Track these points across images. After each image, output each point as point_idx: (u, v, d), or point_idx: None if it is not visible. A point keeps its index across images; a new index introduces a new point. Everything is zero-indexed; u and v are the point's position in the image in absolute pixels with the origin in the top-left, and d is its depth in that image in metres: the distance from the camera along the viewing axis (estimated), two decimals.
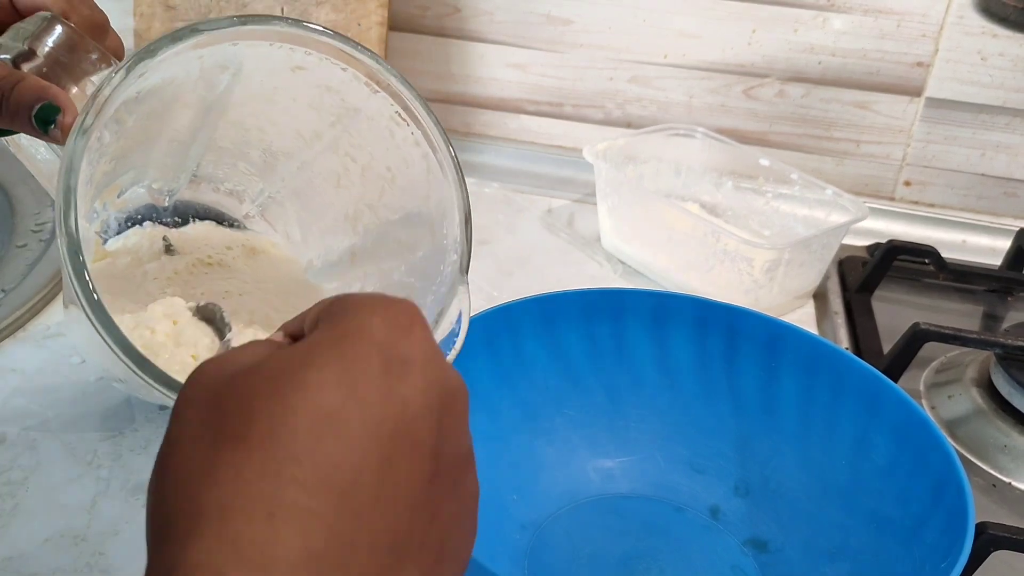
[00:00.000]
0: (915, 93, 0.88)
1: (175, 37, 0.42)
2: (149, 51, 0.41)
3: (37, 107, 0.42)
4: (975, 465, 0.63)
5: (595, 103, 0.93)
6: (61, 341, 0.67)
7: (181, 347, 0.48)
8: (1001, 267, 0.84)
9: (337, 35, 0.46)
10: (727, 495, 0.56)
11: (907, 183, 0.92)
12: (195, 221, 0.58)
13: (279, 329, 0.32)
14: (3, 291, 0.70)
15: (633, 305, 0.59)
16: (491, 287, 0.76)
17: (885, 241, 0.82)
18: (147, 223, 0.57)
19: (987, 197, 0.91)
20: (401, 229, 0.53)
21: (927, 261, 0.81)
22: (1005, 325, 0.78)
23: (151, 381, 0.39)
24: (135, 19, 0.87)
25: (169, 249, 0.57)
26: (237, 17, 0.43)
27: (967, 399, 0.67)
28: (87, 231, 0.49)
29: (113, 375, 0.41)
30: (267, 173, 0.57)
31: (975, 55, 0.86)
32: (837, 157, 0.92)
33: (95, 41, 0.45)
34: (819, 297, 0.80)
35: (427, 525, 0.28)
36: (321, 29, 0.45)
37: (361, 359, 0.28)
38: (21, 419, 0.60)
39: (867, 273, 0.80)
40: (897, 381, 0.63)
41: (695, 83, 0.91)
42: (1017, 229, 0.85)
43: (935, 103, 0.88)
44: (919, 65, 0.87)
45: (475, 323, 0.49)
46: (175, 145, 0.54)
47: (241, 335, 0.53)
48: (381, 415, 0.27)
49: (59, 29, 0.43)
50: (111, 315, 0.39)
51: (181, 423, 0.28)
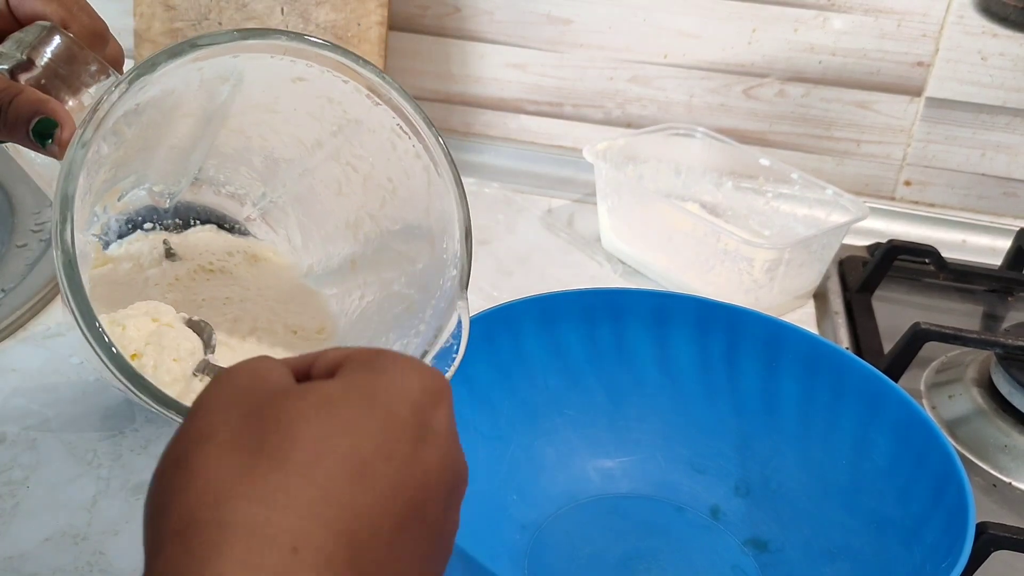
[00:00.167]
0: (915, 93, 0.88)
1: (175, 52, 0.41)
2: (149, 65, 0.41)
3: (35, 121, 0.41)
4: (975, 465, 0.63)
5: (595, 103, 0.93)
6: (61, 341, 0.67)
7: (164, 349, 0.48)
8: (1001, 267, 0.84)
9: (339, 48, 0.45)
10: (727, 495, 0.56)
11: (907, 183, 0.92)
12: (196, 223, 0.58)
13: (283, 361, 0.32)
14: (3, 291, 0.70)
15: (633, 305, 0.59)
16: (491, 287, 0.76)
17: (885, 241, 0.82)
18: (148, 225, 0.57)
19: (987, 197, 0.91)
20: (401, 240, 0.53)
21: (927, 261, 0.81)
22: (1005, 325, 0.78)
23: (150, 401, 0.39)
24: (135, 19, 0.87)
25: (170, 253, 0.57)
26: (238, 31, 0.43)
27: (967, 399, 0.67)
28: (84, 244, 0.49)
29: (111, 383, 0.41)
30: (269, 178, 0.57)
31: (975, 55, 0.86)
32: (837, 157, 0.92)
33: (94, 50, 0.44)
34: (819, 297, 0.80)
35: None
36: (322, 42, 0.45)
37: (398, 417, 0.28)
38: (21, 419, 0.60)
39: (867, 273, 0.80)
40: (897, 381, 0.63)
41: (695, 83, 0.91)
42: (1017, 229, 0.85)
43: (935, 103, 0.88)
44: (919, 65, 0.87)
45: (475, 323, 0.49)
46: (176, 152, 0.54)
47: (244, 342, 0.53)
48: (405, 478, 0.28)
49: (58, 39, 0.43)
50: (108, 337, 0.38)
51: (212, 422, 0.28)
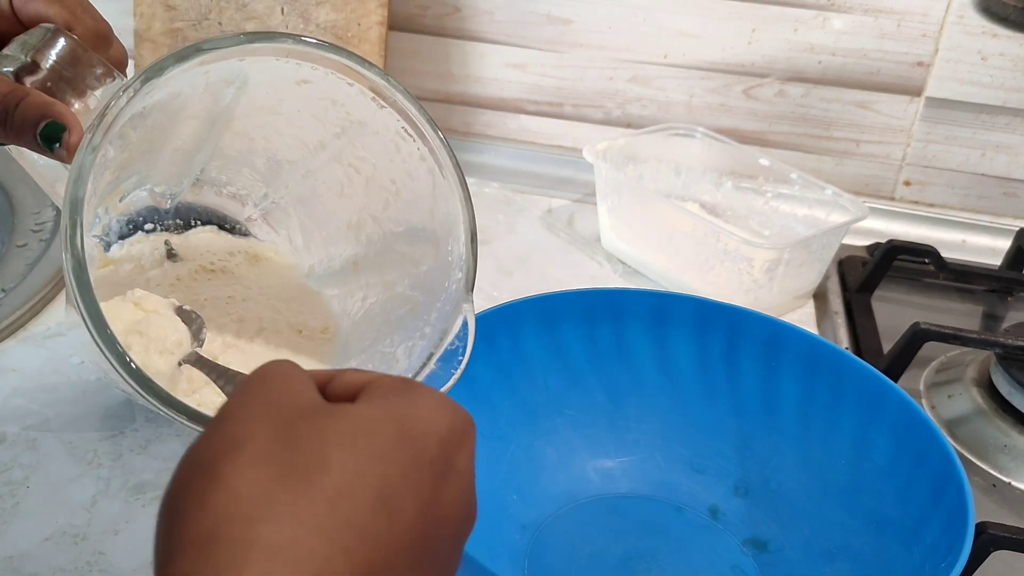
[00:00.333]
0: (915, 93, 0.88)
1: (182, 56, 0.41)
2: (156, 70, 0.41)
3: (42, 125, 0.41)
4: (975, 465, 0.63)
5: (595, 103, 0.93)
6: (61, 341, 0.67)
7: (152, 340, 0.48)
8: (1001, 267, 0.84)
9: (344, 51, 0.45)
10: (727, 495, 0.56)
11: (907, 183, 0.92)
12: (197, 224, 0.58)
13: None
14: (3, 291, 0.70)
15: (633, 305, 0.59)
16: (491, 287, 0.76)
17: (885, 241, 0.82)
18: (149, 225, 0.57)
19: (987, 197, 0.91)
20: (405, 242, 0.52)
21: (927, 261, 0.81)
22: (1005, 325, 0.78)
23: (166, 408, 0.39)
24: (135, 19, 0.87)
25: (171, 253, 0.57)
26: (244, 35, 0.43)
27: (967, 399, 0.67)
28: (89, 247, 0.49)
29: (118, 385, 0.41)
30: (271, 179, 0.57)
31: (975, 55, 0.86)
32: (837, 157, 0.92)
33: (98, 52, 0.44)
34: (819, 297, 0.80)
35: None
36: (327, 45, 0.45)
37: (427, 453, 0.29)
38: (21, 419, 0.60)
39: (867, 273, 0.80)
40: (897, 381, 0.63)
41: (695, 83, 0.91)
42: (1017, 229, 0.85)
43: (935, 103, 0.88)
44: (919, 65, 0.87)
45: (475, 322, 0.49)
46: (179, 154, 0.54)
47: (252, 343, 0.53)
48: (426, 515, 0.28)
49: (62, 41, 0.43)
50: (121, 346, 0.38)
51: (244, 433, 0.28)
